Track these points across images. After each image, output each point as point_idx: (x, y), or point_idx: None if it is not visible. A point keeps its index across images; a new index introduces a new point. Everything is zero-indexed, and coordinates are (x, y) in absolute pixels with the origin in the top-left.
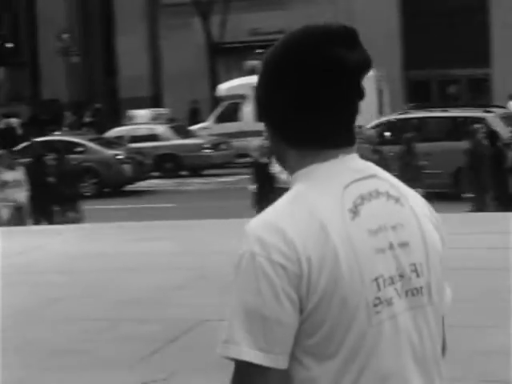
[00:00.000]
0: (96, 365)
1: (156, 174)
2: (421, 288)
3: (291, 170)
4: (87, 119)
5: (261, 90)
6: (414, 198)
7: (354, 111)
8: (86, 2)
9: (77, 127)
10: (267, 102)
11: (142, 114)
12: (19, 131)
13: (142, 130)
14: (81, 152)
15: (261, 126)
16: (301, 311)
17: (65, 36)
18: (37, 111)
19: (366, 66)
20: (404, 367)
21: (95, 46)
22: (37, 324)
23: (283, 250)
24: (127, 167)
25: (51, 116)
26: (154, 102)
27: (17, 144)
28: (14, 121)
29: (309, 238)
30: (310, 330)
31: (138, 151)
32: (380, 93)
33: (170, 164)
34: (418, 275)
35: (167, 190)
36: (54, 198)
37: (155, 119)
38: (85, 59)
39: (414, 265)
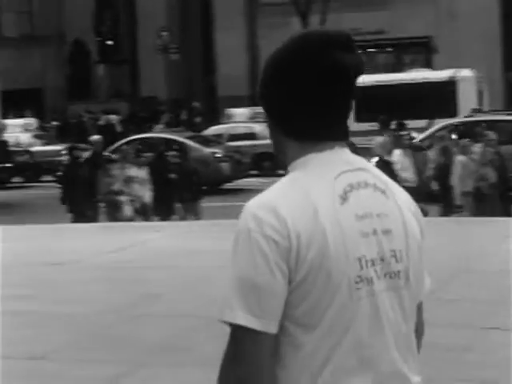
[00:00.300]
0: (193, 362)
1: (254, 172)
2: (398, 272)
3: (290, 159)
4: (184, 117)
5: (264, 88)
6: (398, 193)
7: (348, 108)
8: None
9: (174, 125)
10: (271, 98)
11: (241, 112)
12: (118, 128)
13: (241, 128)
14: (178, 150)
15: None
16: (290, 282)
17: (164, 33)
18: (135, 108)
19: (360, 68)
20: (379, 339)
21: (194, 43)
22: (136, 320)
23: (276, 227)
24: (225, 165)
25: (149, 113)
26: (252, 100)
27: (116, 141)
28: (113, 118)
29: (300, 217)
30: (297, 301)
31: (236, 150)
32: (480, 94)
33: (268, 163)
34: (396, 260)
35: (265, 188)
36: (176, 194)
37: (253, 118)
38: (184, 57)
39: (394, 251)
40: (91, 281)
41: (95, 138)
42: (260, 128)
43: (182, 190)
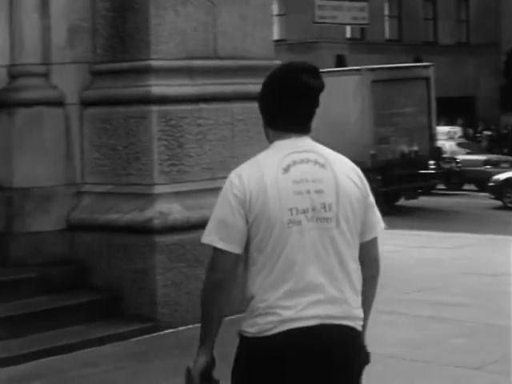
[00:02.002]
0: None
1: None
2: (328, 218)
3: (270, 142)
4: None
5: (259, 98)
6: (341, 166)
7: (311, 113)
8: None
9: None
10: (262, 106)
11: None
12: None
13: None
14: None
15: None
16: (247, 222)
17: None
18: None
19: (320, 88)
20: (305, 259)
21: None
22: None
23: (238, 187)
24: None
25: None
26: None
27: None
28: None
29: (253, 181)
30: (252, 234)
31: None
32: None
33: None
34: (326, 210)
35: None
36: None
37: None
38: None
39: (324, 204)
40: None
41: None
42: None
43: None
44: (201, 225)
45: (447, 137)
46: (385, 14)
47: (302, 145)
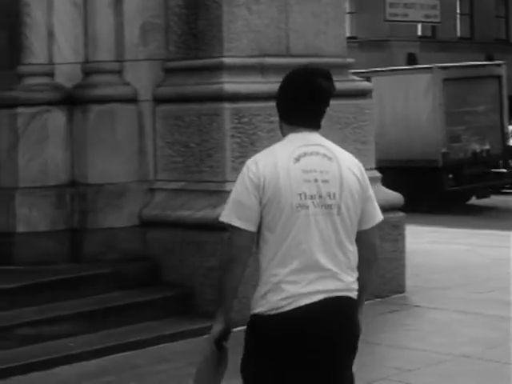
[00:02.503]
0: None
1: None
2: (331, 205)
3: (283, 135)
4: None
5: (277, 95)
6: (345, 160)
7: (321, 112)
8: None
9: None
10: (279, 103)
11: None
12: None
13: None
14: None
15: None
16: (260, 203)
17: None
18: None
19: (331, 90)
20: (309, 240)
21: None
22: None
23: (255, 172)
24: None
25: None
26: None
27: None
28: None
29: (267, 168)
30: (265, 215)
31: None
32: None
33: None
34: (330, 198)
35: None
36: None
37: None
38: None
39: (329, 192)
40: None
41: None
42: None
43: None
44: None
45: None
46: (457, 11)
47: (313, 139)
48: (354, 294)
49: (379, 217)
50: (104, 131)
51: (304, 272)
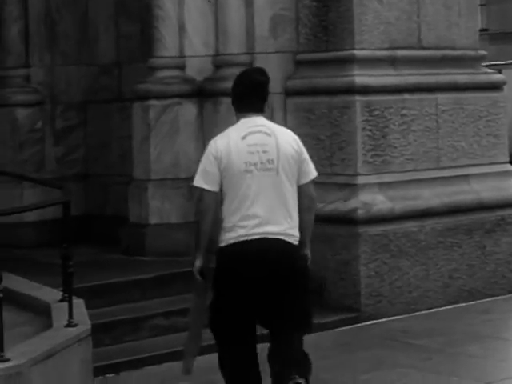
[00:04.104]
0: None
1: None
2: (270, 168)
3: (237, 119)
4: None
5: (231, 94)
6: (283, 135)
7: (262, 100)
8: None
9: None
10: (232, 98)
11: None
12: None
13: None
14: None
15: None
16: (219, 170)
17: None
18: None
19: (267, 82)
20: (254, 196)
21: None
22: None
23: (214, 148)
24: None
25: None
26: None
27: None
28: None
29: (223, 145)
30: (222, 179)
31: None
32: None
33: None
34: (269, 163)
35: None
36: None
37: None
38: None
39: (268, 159)
40: None
41: None
42: None
43: None
44: (404, 216)
45: None
46: None
47: (257, 121)
48: (290, 239)
49: (313, 173)
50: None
51: (248, 219)
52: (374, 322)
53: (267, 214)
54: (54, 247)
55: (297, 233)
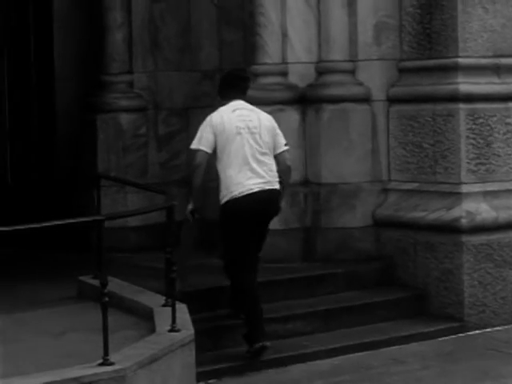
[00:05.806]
0: None
1: None
2: (255, 132)
3: (222, 105)
4: None
5: (218, 87)
6: (262, 114)
7: (244, 89)
8: None
9: None
10: (220, 90)
11: None
12: None
13: None
14: None
15: None
16: (214, 135)
17: None
18: None
19: (248, 77)
20: (245, 152)
21: None
22: None
23: (210, 120)
24: None
25: None
26: None
27: None
28: None
29: (217, 117)
30: (218, 141)
31: None
32: None
33: None
34: (254, 129)
35: None
36: None
37: None
38: None
39: (253, 126)
40: None
41: None
42: None
43: None
44: (509, 225)
45: None
46: None
47: (241, 103)
48: (275, 186)
49: (284, 143)
50: (337, 131)
51: (244, 172)
52: (477, 332)
53: (257, 170)
54: (155, 251)
55: (278, 185)
